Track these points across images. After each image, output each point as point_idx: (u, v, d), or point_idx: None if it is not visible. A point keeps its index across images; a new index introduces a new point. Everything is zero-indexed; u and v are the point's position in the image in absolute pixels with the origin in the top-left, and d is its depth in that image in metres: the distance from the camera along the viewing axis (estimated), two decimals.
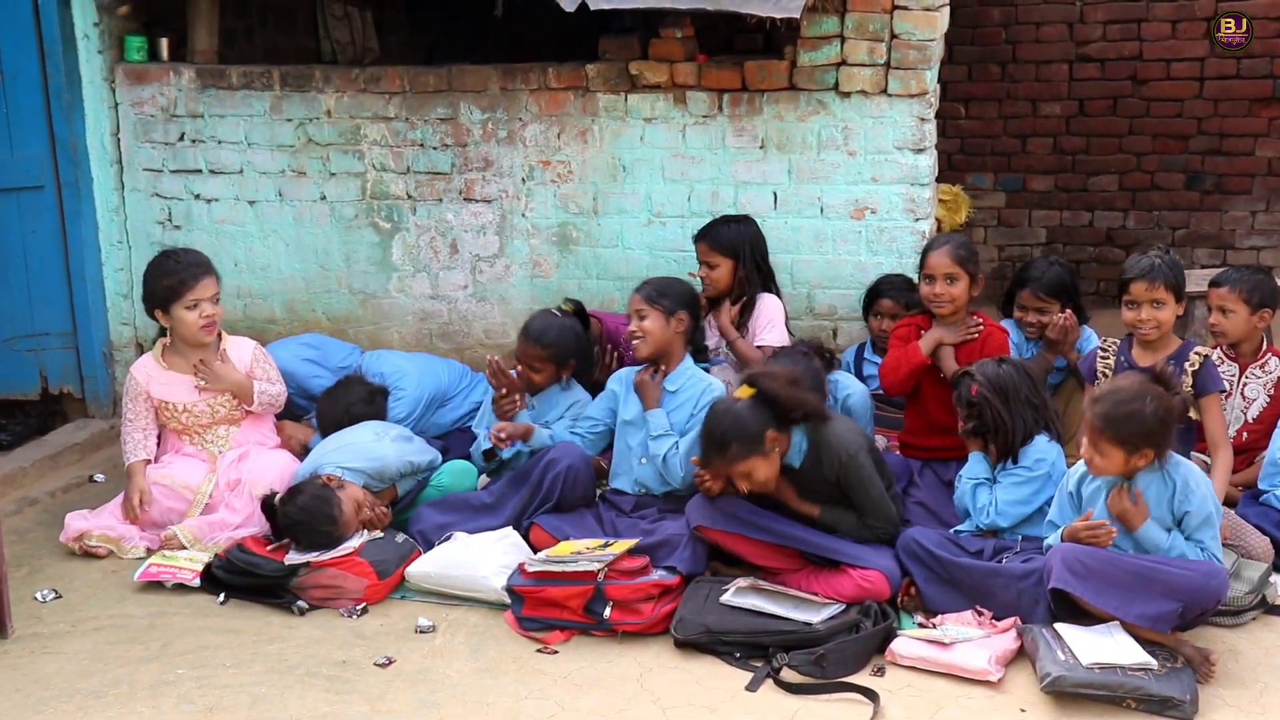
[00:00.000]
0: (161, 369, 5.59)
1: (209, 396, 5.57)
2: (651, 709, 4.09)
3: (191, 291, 5.46)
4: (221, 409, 5.59)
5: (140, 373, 5.60)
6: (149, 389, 5.56)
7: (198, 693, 4.26)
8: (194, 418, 5.57)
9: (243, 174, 6.70)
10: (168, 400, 5.56)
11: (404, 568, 4.98)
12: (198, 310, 5.47)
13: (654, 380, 5.26)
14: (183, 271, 5.48)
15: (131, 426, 5.59)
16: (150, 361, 5.64)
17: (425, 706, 4.14)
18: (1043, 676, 4.06)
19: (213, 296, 5.52)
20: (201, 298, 5.47)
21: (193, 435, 5.60)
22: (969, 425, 4.87)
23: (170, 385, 5.57)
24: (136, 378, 5.59)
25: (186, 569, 5.04)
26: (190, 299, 5.46)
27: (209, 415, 5.58)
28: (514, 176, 6.43)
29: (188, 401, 5.56)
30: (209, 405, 5.57)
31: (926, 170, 5.99)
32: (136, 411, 5.58)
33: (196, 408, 5.57)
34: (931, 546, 4.61)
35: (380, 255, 6.66)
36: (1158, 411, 4.19)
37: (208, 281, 5.51)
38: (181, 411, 5.56)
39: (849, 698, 4.11)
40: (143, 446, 5.57)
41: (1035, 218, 9.17)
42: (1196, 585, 4.15)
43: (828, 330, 6.16)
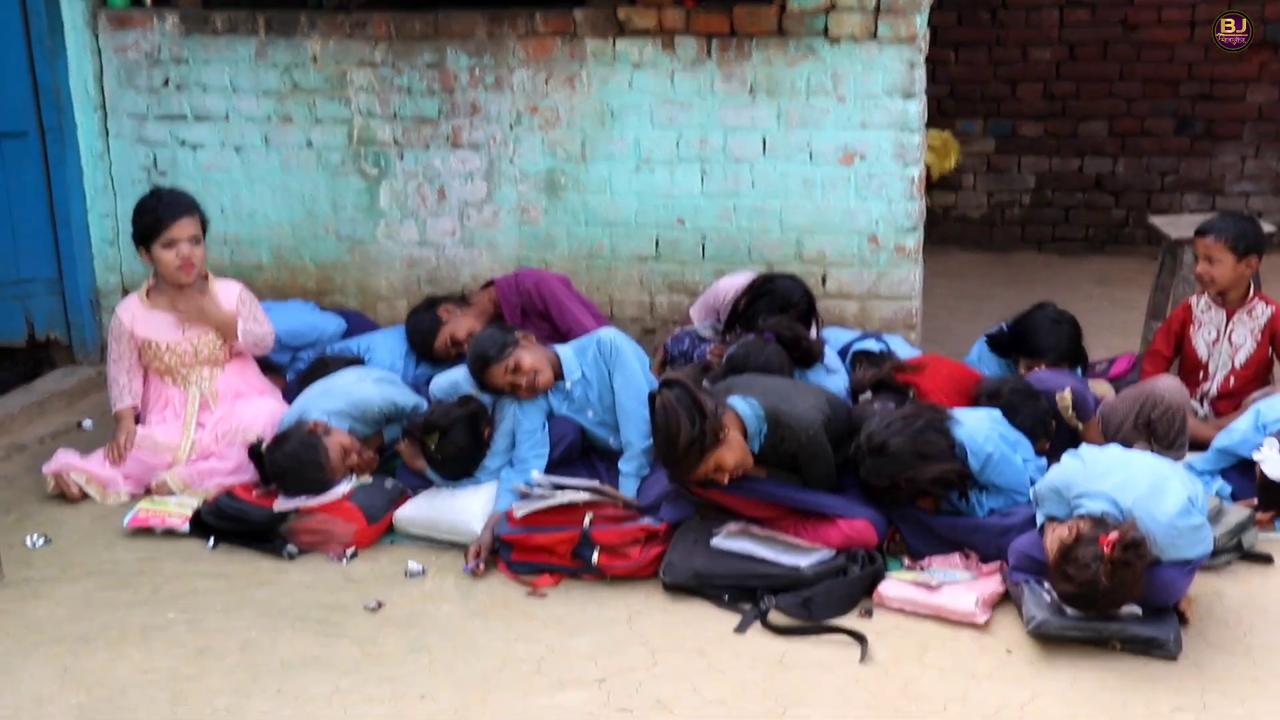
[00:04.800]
0: (145, 308, 5.58)
1: (193, 335, 5.55)
2: (640, 651, 4.13)
3: (168, 230, 5.43)
4: (205, 348, 5.58)
5: (125, 313, 5.59)
6: (133, 329, 5.55)
7: (188, 636, 4.29)
8: (177, 357, 5.56)
9: (228, 120, 6.67)
10: (151, 339, 5.55)
11: (393, 512, 5.01)
12: (174, 250, 5.44)
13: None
14: (160, 210, 5.46)
15: (116, 369, 5.59)
16: (135, 301, 5.63)
17: (415, 649, 4.17)
18: (1028, 620, 4.09)
19: (191, 237, 5.48)
20: (179, 237, 5.44)
21: (175, 375, 5.59)
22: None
23: (154, 324, 5.56)
24: (121, 318, 5.58)
25: (176, 515, 5.05)
26: (167, 238, 5.43)
27: (192, 355, 5.57)
28: (502, 123, 6.41)
29: (171, 340, 5.55)
30: (192, 345, 5.56)
31: (916, 116, 5.97)
32: (120, 353, 5.58)
33: (180, 346, 5.55)
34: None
35: (368, 202, 6.64)
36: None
37: (185, 221, 5.47)
38: (165, 350, 5.55)
39: (837, 640, 4.15)
40: (128, 390, 5.58)
41: (1025, 163, 9.16)
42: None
43: (816, 276, 6.17)
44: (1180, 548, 4.06)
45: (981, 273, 8.55)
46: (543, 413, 5.18)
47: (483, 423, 5.13)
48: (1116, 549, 3.89)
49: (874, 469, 4.53)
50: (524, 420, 5.14)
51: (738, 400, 4.62)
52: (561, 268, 6.43)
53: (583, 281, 6.41)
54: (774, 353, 5.20)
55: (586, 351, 5.23)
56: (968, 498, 4.58)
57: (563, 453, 5.15)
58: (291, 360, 6.20)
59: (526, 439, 5.11)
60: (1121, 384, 5.80)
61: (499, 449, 5.14)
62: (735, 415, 4.58)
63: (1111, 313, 7.54)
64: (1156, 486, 4.12)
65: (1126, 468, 4.24)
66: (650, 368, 5.44)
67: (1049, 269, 8.64)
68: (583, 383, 5.20)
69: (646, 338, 6.39)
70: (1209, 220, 5.65)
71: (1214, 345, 5.56)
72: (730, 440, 4.50)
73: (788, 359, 5.24)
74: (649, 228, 6.36)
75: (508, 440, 5.14)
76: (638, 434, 5.01)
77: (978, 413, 4.79)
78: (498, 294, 6.08)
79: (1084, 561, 3.94)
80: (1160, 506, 4.06)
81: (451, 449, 5.05)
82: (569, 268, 6.44)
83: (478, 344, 5.18)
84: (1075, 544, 4.00)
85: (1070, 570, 3.97)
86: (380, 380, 5.52)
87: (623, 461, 5.06)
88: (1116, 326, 7.18)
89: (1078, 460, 4.34)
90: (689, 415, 4.41)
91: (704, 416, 4.43)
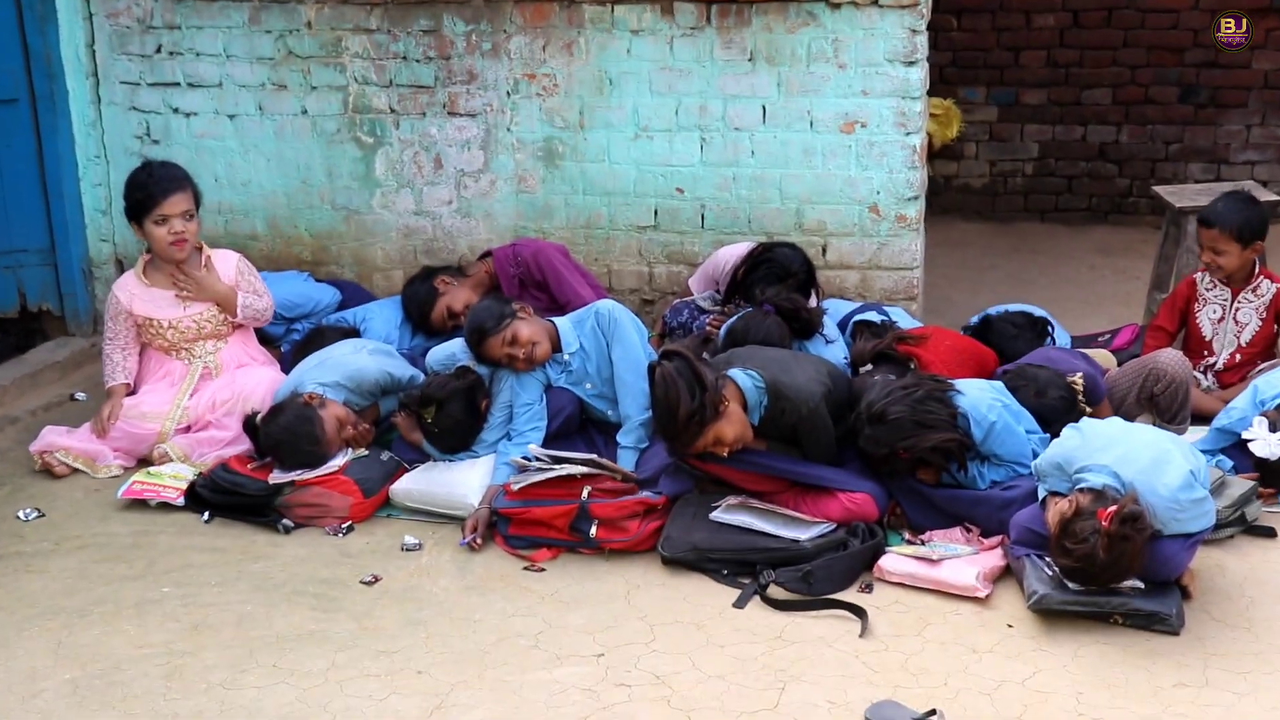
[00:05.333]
0: (144, 285, 5.55)
1: (194, 311, 5.52)
2: (639, 625, 4.12)
3: (159, 207, 5.38)
4: (207, 324, 5.55)
5: (122, 291, 5.55)
6: (131, 307, 5.51)
7: (183, 611, 4.28)
8: (179, 334, 5.53)
9: (222, 87, 6.62)
10: (151, 317, 5.52)
11: (389, 486, 5.00)
12: (166, 226, 5.40)
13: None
14: (152, 186, 5.41)
15: (111, 347, 5.56)
16: (132, 279, 5.59)
17: (412, 624, 4.16)
18: (1030, 594, 4.09)
19: (184, 213, 5.43)
20: (171, 214, 5.39)
21: (178, 351, 5.56)
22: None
23: (153, 301, 5.53)
24: (119, 296, 5.54)
25: (171, 487, 5.03)
26: (158, 214, 5.39)
27: (194, 330, 5.54)
28: (499, 90, 6.36)
29: (172, 317, 5.52)
30: (194, 320, 5.53)
31: (918, 83, 5.93)
32: (116, 331, 5.55)
33: (181, 323, 5.52)
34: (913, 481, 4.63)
35: (363, 170, 6.60)
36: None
37: (178, 198, 5.42)
38: (166, 328, 5.52)
39: (836, 614, 4.15)
40: (122, 369, 5.54)
41: (1028, 132, 9.10)
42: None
43: (817, 246, 6.13)
44: (1182, 521, 4.04)
45: (984, 243, 8.51)
46: (540, 385, 5.15)
47: (480, 395, 5.11)
48: (1114, 522, 3.87)
49: (873, 438, 4.52)
50: (521, 393, 5.12)
51: (738, 372, 4.60)
52: (559, 238, 6.40)
53: (581, 252, 6.38)
54: (774, 324, 5.19)
55: (585, 323, 5.21)
56: (967, 469, 4.56)
57: (560, 425, 5.14)
58: (286, 332, 6.18)
59: (524, 412, 5.09)
60: (1125, 355, 5.77)
61: (496, 422, 5.12)
62: (735, 387, 4.56)
63: (1115, 283, 7.53)
64: (1158, 460, 4.10)
65: (1128, 441, 4.22)
66: (649, 339, 5.42)
67: (1052, 239, 8.60)
68: (581, 355, 5.18)
69: (645, 309, 6.37)
70: (1212, 209, 5.53)
71: (1219, 324, 5.54)
72: (730, 413, 4.49)
73: (788, 330, 5.22)
74: (647, 197, 6.32)
75: (505, 413, 5.12)
76: (636, 406, 4.99)
77: (980, 382, 4.77)
78: (495, 265, 6.05)
79: (1082, 535, 3.93)
80: (1162, 480, 4.04)
81: (448, 422, 5.03)
82: (567, 238, 6.40)
83: (475, 316, 5.15)
84: (1074, 517, 3.98)
85: (1069, 544, 3.96)
86: (376, 352, 5.50)
87: (621, 434, 5.05)
88: (1120, 296, 7.17)
89: (1079, 434, 4.32)
90: (689, 387, 4.39)
91: (704, 389, 4.41)
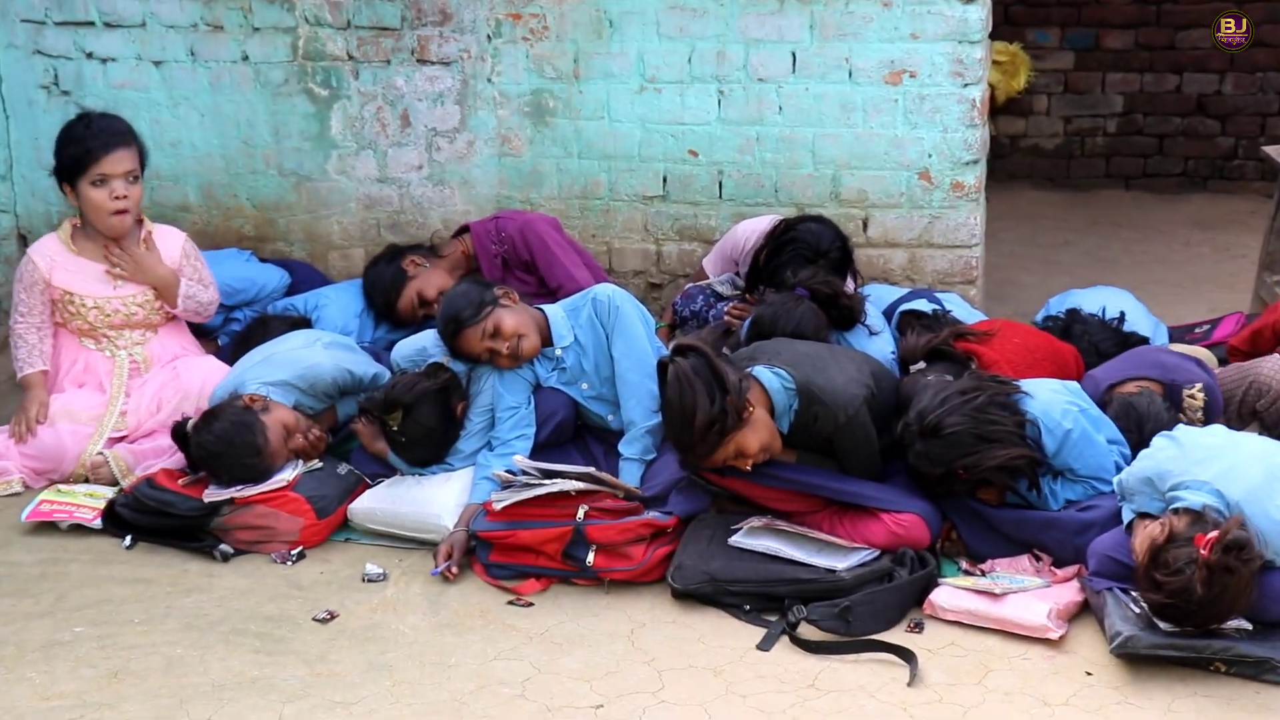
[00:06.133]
0: (69, 253, 5.56)
1: (125, 293, 5.54)
2: (645, 671, 4.13)
3: (99, 165, 5.40)
4: (139, 310, 5.58)
5: (41, 256, 5.55)
6: (50, 276, 5.52)
7: (100, 654, 4.29)
8: (104, 316, 5.55)
9: (145, 28, 6.64)
10: (73, 292, 5.53)
11: (347, 504, 5.02)
12: (107, 189, 5.42)
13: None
14: (90, 140, 5.43)
15: (24, 325, 5.56)
16: (55, 243, 5.59)
17: (374, 669, 4.18)
18: (1112, 636, 4.08)
19: (127, 173, 5.46)
20: (112, 174, 5.42)
21: (98, 339, 5.58)
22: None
23: (79, 273, 5.55)
24: (36, 262, 5.53)
25: (86, 507, 5.07)
26: (97, 173, 5.41)
27: (122, 315, 5.56)
28: (477, 33, 6.39)
29: (98, 296, 5.54)
30: (124, 304, 5.55)
31: (978, 24, 5.95)
32: (31, 305, 5.54)
33: (109, 305, 5.54)
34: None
35: (316, 129, 6.62)
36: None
37: (121, 154, 5.45)
38: (90, 308, 5.54)
39: (880, 658, 4.16)
40: (39, 352, 5.55)
41: (1110, 82, 9.14)
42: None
43: (856, 220, 6.16)
44: None
45: (1056, 215, 8.55)
46: (528, 385, 5.18)
47: (455, 397, 5.13)
48: (1215, 551, 3.88)
49: (925, 454, 4.53)
50: (505, 394, 5.14)
51: (764, 371, 4.62)
52: (550, 210, 6.42)
53: (575, 226, 6.41)
54: (807, 312, 5.20)
55: (580, 312, 5.23)
56: (1039, 487, 4.57)
57: (552, 433, 5.17)
58: (225, 322, 6.20)
59: (508, 416, 5.11)
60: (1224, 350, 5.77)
61: (475, 429, 5.15)
62: (761, 389, 4.58)
63: (1215, 262, 7.55)
64: (1271, 476, 4.11)
65: (1234, 454, 4.22)
66: (656, 331, 5.44)
67: (1139, 210, 8.64)
68: (576, 349, 5.20)
69: (652, 294, 6.40)
70: None
71: None
72: (755, 419, 4.50)
73: (824, 320, 5.24)
74: (655, 161, 6.35)
75: (485, 418, 5.15)
76: (642, 411, 5.02)
77: (1051, 383, 4.78)
78: (473, 242, 6.08)
79: (1176, 565, 3.93)
80: (1274, 500, 4.05)
81: (418, 429, 5.05)
82: (559, 209, 6.43)
83: (450, 303, 5.17)
84: (1167, 544, 3.99)
85: (1160, 576, 3.97)
86: (332, 345, 5.52)
87: (623, 444, 5.07)
88: (1221, 279, 7.19)
89: (1175, 444, 4.32)
90: (707, 389, 4.41)
91: (724, 391, 4.43)
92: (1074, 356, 5.38)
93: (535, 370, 5.19)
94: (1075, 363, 5.36)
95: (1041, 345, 5.32)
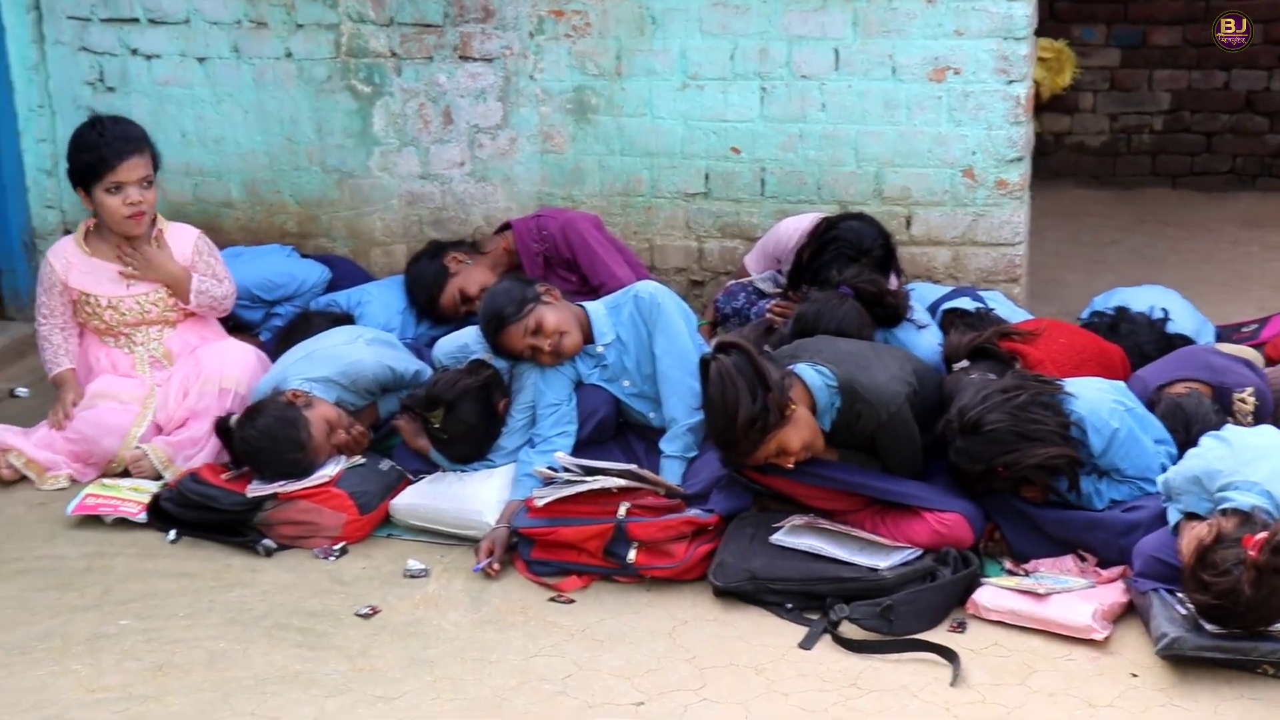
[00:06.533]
0: (83, 254, 5.60)
1: (138, 291, 5.58)
2: (686, 669, 4.14)
3: (113, 173, 5.41)
4: (154, 307, 5.61)
5: (57, 259, 5.59)
6: (67, 278, 5.56)
7: (145, 648, 4.32)
8: (119, 315, 5.59)
9: (189, 24, 6.68)
10: (89, 292, 5.57)
11: (389, 500, 5.04)
12: (121, 195, 5.43)
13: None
14: (104, 148, 5.43)
15: (48, 326, 5.62)
16: (71, 245, 5.64)
17: (416, 664, 4.20)
18: (1158, 637, 4.06)
19: (141, 180, 5.46)
20: (126, 181, 5.43)
21: (117, 337, 5.62)
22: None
23: (92, 274, 5.58)
24: (53, 264, 5.59)
25: (130, 501, 5.09)
26: (111, 181, 5.42)
27: (138, 313, 5.60)
28: (519, 30, 6.40)
29: (112, 295, 5.58)
30: (138, 302, 5.58)
31: (1023, 21, 5.93)
32: (53, 307, 5.60)
33: (123, 304, 5.58)
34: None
35: (359, 126, 6.65)
36: None
37: (135, 162, 5.45)
38: (105, 307, 5.58)
39: (923, 658, 4.15)
40: (65, 352, 5.61)
41: (1157, 79, 9.09)
42: None
43: (899, 218, 6.15)
44: None
45: (1102, 213, 8.51)
46: (569, 382, 5.19)
47: (497, 394, 5.15)
48: (1264, 552, 3.85)
49: (966, 451, 4.53)
50: (547, 391, 5.15)
51: (806, 369, 4.62)
52: (592, 207, 6.43)
53: (617, 223, 6.42)
54: (851, 310, 5.20)
55: (622, 309, 5.23)
56: (1078, 488, 4.56)
57: (593, 430, 5.18)
58: (266, 317, 6.23)
59: (549, 413, 5.13)
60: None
61: (516, 425, 5.16)
62: (804, 387, 4.58)
63: (1264, 262, 7.51)
64: None
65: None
66: (698, 328, 5.45)
67: (1186, 208, 8.59)
68: (617, 346, 5.21)
69: (694, 292, 6.40)
70: None
71: None
72: (798, 417, 4.50)
73: (867, 318, 5.23)
74: (697, 159, 6.35)
75: (527, 415, 5.16)
76: (684, 408, 5.02)
77: (1097, 382, 4.76)
78: (515, 239, 6.09)
79: (1224, 567, 3.91)
80: None
81: (459, 426, 5.07)
82: (601, 207, 6.44)
83: (492, 300, 5.19)
84: (1214, 545, 3.97)
85: (1207, 577, 3.95)
86: (374, 342, 5.54)
87: (665, 441, 5.08)
88: (1270, 278, 7.14)
89: (1223, 443, 4.30)
90: (749, 386, 4.41)
91: (767, 388, 4.43)
92: (1120, 357, 5.36)
93: (577, 367, 5.20)
94: (1121, 363, 5.33)
95: (1088, 345, 5.30)
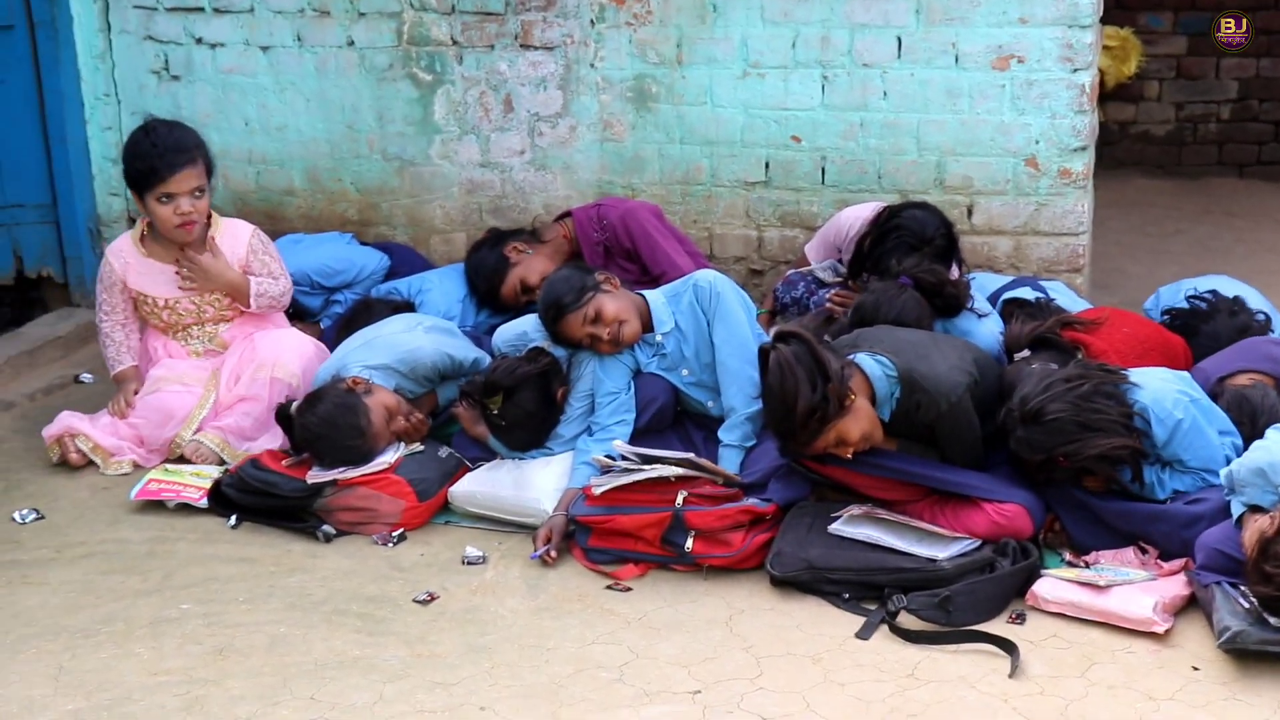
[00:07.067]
0: (140, 255, 5.62)
1: (195, 294, 5.62)
2: (743, 658, 4.14)
3: (164, 184, 5.40)
4: (210, 308, 5.64)
5: (117, 258, 5.63)
6: (125, 277, 5.61)
7: (205, 632, 4.36)
8: (177, 316, 5.63)
9: (253, 13, 6.73)
10: (146, 293, 5.61)
11: (448, 487, 5.07)
12: (172, 205, 5.42)
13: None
14: (156, 159, 5.40)
15: (109, 323, 5.67)
16: (128, 245, 5.66)
17: (473, 651, 4.22)
18: (1220, 631, 4.04)
19: (192, 190, 5.44)
20: (178, 192, 5.41)
21: (175, 332, 5.67)
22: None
23: (149, 275, 5.61)
24: (112, 263, 5.62)
25: (192, 486, 5.15)
26: (162, 192, 5.41)
27: (194, 314, 5.64)
28: (580, 18, 6.41)
29: (169, 297, 5.61)
30: (194, 303, 5.62)
31: (1089, 8, 5.89)
32: (114, 304, 5.65)
33: (179, 305, 5.61)
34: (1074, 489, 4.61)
35: (420, 114, 6.68)
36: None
37: (187, 173, 5.42)
38: (162, 308, 5.62)
39: (981, 649, 4.14)
40: (126, 349, 5.67)
41: (1224, 67, 9.01)
42: None
43: (961, 208, 6.12)
44: None
45: (1167, 203, 8.44)
46: (628, 371, 5.20)
47: (556, 382, 5.16)
48: None
49: (1026, 441, 4.51)
50: (605, 380, 5.17)
51: (865, 358, 4.61)
52: (652, 196, 6.44)
53: (677, 212, 6.42)
54: (910, 300, 5.18)
55: (681, 298, 5.24)
56: (1141, 479, 4.54)
57: (652, 418, 5.18)
58: (325, 304, 6.28)
59: (608, 402, 5.14)
60: None
61: (575, 414, 5.18)
62: (863, 377, 4.58)
63: None
64: None
65: None
66: (757, 318, 5.45)
67: (1253, 199, 8.51)
68: (676, 335, 5.21)
69: (753, 280, 6.40)
70: None
71: None
72: (857, 408, 4.50)
73: (927, 308, 5.22)
74: (757, 147, 6.35)
75: (586, 403, 5.18)
76: (742, 397, 5.03)
77: (1162, 372, 4.73)
78: (575, 228, 6.10)
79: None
80: None
81: (518, 413, 5.09)
82: (660, 195, 6.45)
83: (551, 288, 5.21)
84: (1277, 538, 3.95)
85: (1271, 569, 3.92)
86: (433, 330, 5.56)
87: (723, 430, 5.08)
88: None
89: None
90: (809, 376, 4.41)
91: (827, 378, 4.43)
92: (1183, 347, 5.32)
93: (636, 356, 5.21)
94: (1184, 354, 5.29)
95: (1151, 335, 5.26)
